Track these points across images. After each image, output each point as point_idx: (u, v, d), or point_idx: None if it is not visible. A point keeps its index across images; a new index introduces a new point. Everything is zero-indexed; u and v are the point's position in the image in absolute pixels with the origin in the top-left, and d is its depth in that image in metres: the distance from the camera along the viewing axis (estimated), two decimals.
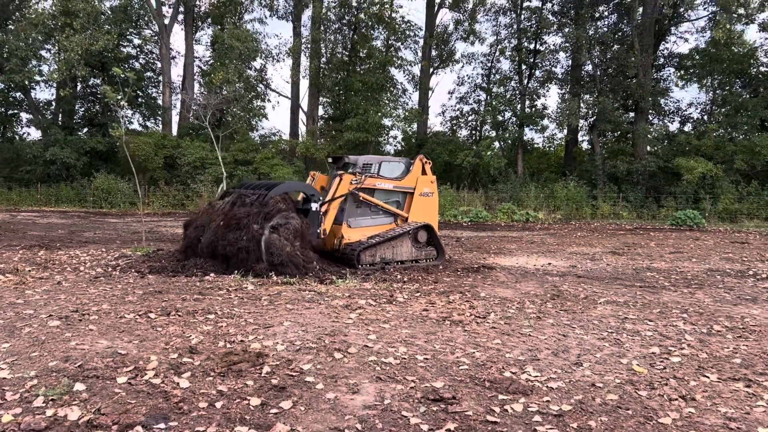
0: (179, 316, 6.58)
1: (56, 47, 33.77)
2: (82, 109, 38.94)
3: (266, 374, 4.59)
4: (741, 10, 28.46)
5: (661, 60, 35.62)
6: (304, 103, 38.86)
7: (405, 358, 5.11)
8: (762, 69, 33.42)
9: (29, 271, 9.67)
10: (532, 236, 19.29)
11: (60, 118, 37.65)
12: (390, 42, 37.34)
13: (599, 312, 7.33)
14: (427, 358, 5.14)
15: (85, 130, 37.57)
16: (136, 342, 5.50)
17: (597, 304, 7.86)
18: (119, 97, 12.58)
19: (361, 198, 11.30)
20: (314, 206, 10.48)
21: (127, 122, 39.47)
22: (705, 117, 35.04)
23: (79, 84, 37.39)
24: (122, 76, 12.43)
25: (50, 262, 10.96)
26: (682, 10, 32.96)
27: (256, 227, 9.51)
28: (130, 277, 9.32)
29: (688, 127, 35.82)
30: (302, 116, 39.02)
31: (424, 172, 12.42)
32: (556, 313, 7.19)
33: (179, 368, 4.70)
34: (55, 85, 36.93)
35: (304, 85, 38.98)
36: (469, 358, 5.17)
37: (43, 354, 5.05)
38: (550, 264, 12.35)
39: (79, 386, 4.22)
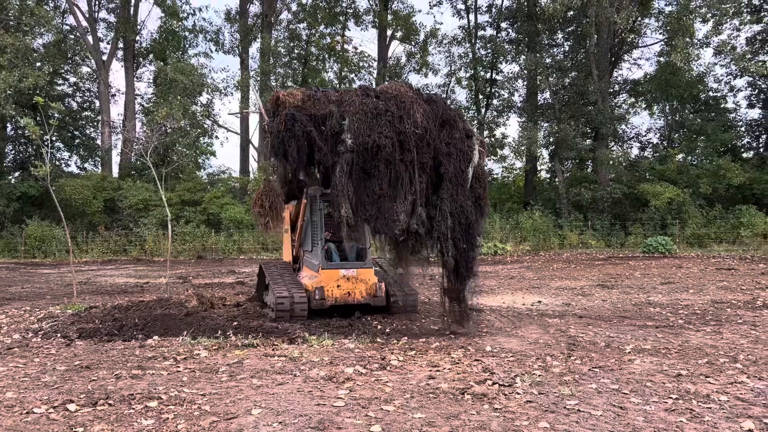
0: (110, 405, 4.93)
1: None
2: (13, 152, 36.27)
3: None
4: (698, 35, 28.68)
5: (616, 87, 35.63)
6: (254, 138, 37.19)
7: None
8: (711, 93, 33.80)
9: None
10: (509, 271, 18.11)
11: None
12: (344, 74, 36.25)
13: (639, 367, 6.01)
14: None
15: (17, 174, 34.89)
16: None
17: (626, 354, 6.60)
18: (42, 132, 10.84)
19: None
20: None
21: (63, 164, 37.00)
22: (664, 142, 35.03)
23: (8, 125, 34.79)
24: (42, 105, 10.63)
25: None
26: (632, 37, 33.09)
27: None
28: (54, 346, 7.57)
29: (647, 153, 35.79)
30: (253, 152, 37.26)
31: None
32: (591, 372, 5.82)
33: None
34: None
35: (254, 119, 37.43)
36: None
37: None
38: (540, 302, 11.28)
39: None
